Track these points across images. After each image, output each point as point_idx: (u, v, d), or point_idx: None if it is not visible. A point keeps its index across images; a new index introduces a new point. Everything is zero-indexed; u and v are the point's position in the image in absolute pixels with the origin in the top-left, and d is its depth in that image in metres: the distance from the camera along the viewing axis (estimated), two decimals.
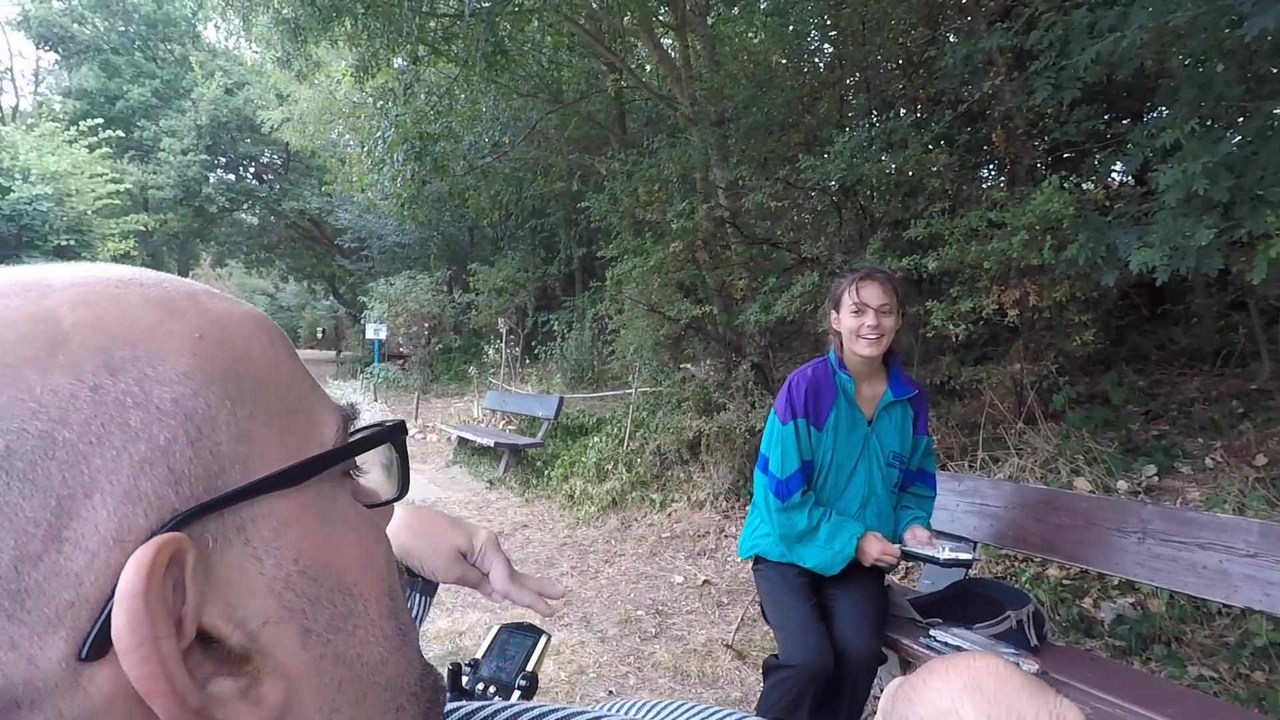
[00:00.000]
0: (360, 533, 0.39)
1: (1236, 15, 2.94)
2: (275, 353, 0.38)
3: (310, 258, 25.76)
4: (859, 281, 2.24)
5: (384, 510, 0.44)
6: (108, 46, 22.04)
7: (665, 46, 7.98)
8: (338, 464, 0.38)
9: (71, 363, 0.30)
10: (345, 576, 0.37)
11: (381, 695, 0.37)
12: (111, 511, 0.29)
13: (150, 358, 0.32)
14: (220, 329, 0.35)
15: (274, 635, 0.33)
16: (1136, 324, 5.46)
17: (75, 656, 0.28)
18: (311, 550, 0.35)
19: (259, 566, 0.33)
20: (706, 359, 6.33)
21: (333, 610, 0.35)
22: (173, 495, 0.30)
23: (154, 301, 0.34)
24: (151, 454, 0.30)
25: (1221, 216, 3.03)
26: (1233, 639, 2.81)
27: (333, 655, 0.35)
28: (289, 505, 0.35)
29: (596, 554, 5.07)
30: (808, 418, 2.28)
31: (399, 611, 0.40)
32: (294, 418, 0.37)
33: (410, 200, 9.76)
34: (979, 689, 0.34)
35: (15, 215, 11.70)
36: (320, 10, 6.90)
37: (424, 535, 0.76)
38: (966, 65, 4.89)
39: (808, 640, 2.10)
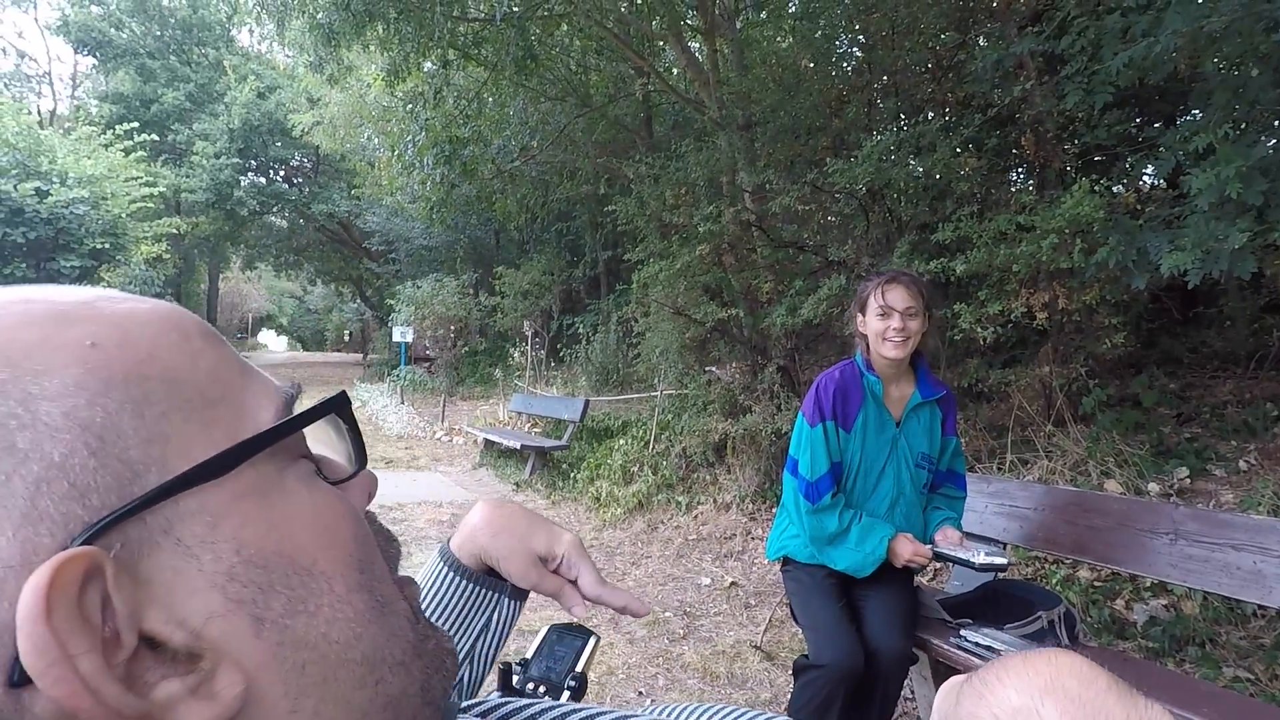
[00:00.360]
0: (317, 512, 0.38)
1: (1273, 20, 2.93)
2: (190, 346, 0.37)
3: (338, 260, 26.03)
4: (884, 284, 2.25)
5: (359, 484, 0.44)
6: (144, 51, 22.47)
7: (693, 51, 8.01)
8: (268, 447, 0.37)
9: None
10: (300, 558, 0.36)
11: (355, 671, 0.37)
12: (11, 537, 0.29)
13: (34, 374, 0.31)
14: (120, 332, 0.35)
15: (223, 629, 0.32)
16: (1168, 327, 5.41)
17: (7, 685, 0.28)
18: (255, 538, 0.35)
19: (196, 564, 0.32)
20: (732, 362, 6.35)
21: (288, 594, 0.35)
22: (79, 509, 0.30)
23: (39, 317, 0.34)
24: (46, 472, 0.30)
25: (1255, 220, 3.02)
26: (1268, 640, 2.79)
27: (292, 640, 0.34)
28: (221, 497, 0.34)
29: (623, 556, 5.11)
30: (836, 420, 2.30)
31: (374, 585, 0.40)
32: (219, 409, 0.36)
33: (439, 203, 9.87)
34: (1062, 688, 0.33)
35: (53, 218, 11.90)
36: (354, 15, 7.00)
37: (500, 535, 0.71)
38: (997, 69, 4.89)
39: (837, 641, 2.11)
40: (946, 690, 0.40)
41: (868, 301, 2.29)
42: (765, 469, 5.45)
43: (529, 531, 0.71)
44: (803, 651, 3.01)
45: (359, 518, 0.42)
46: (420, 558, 4.80)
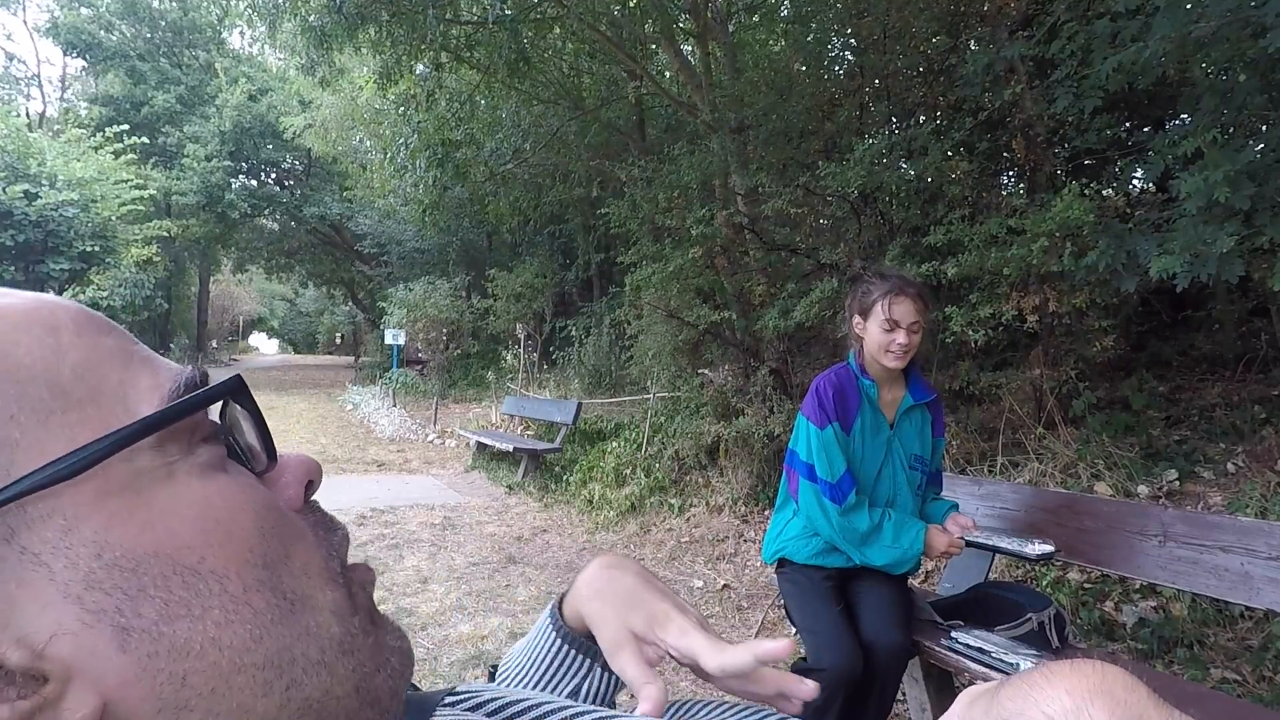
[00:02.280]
0: (208, 505, 0.36)
1: (1260, 26, 2.95)
2: (55, 341, 0.34)
3: (330, 263, 26.01)
4: (893, 297, 2.22)
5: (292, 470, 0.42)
6: (134, 53, 22.40)
7: (686, 54, 8.04)
8: (135, 442, 0.34)
9: None
10: (183, 558, 0.33)
11: (256, 677, 0.34)
12: None
13: None
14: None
15: (75, 645, 0.30)
16: (1157, 330, 5.45)
17: None
18: (123, 539, 0.32)
19: (45, 573, 0.30)
20: (725, 364, 6.36)
21: (164, 598, 0.32)
22: None
23: None
24: None
25: (1243, 224, 3.04)
26: (1256, 642, 2.81)
27: (168, 650, 0.32)
28: (80, 498, 0.32)
29: None
30: (839, 421, 2.30)
31: (281, 581, 0.37)
32: (86, 407, 0.34)
33: (431, 206, 9.88)
34: (1110, 694, 0.33)
35: (42, 221, 11.86)
36: (346, 17, 7.00)
37: (596, 600, 0.63)
38: (987, 73, 4.91)
39: (838, 644, 2.10)
40: (970, 697, 0.41)
41: (872, 310, 2.27)
42: (758, 471, 5.46)
43: (629, 602, 0.61)
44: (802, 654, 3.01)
45: (269, 509, 0.39)
46: (411, 561, 4.79)
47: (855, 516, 2.25)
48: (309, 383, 19.01)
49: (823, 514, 2.29)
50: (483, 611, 3.99)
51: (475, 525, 5.86)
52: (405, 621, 3.75)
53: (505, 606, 4.09)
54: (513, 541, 5.45)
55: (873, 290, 2.28)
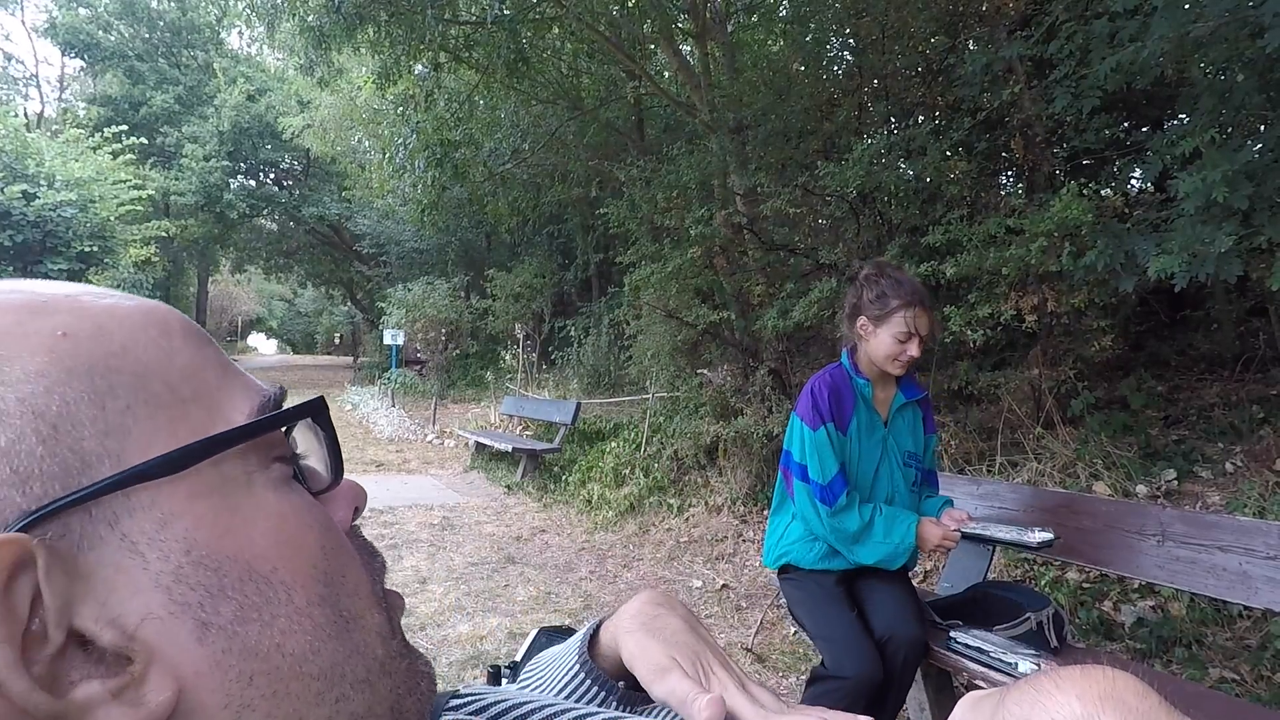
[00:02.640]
0: (283, 519, 0.37)
1: (1258, 26, 2.96)
2: (168, 343, 0.37)
3: (329, 263, 25.98)
4: (918, 310, 2.20)
5: (344, 496, 0.43)
6: (132, 53, 22.38)
7: (685, 54, 8.04)
8: (231, 447, 0.36)
9: None
10: (258, 565, 0.35)
11: (311, 686, 0.36)
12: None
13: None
14: (94, 325, 0.35)
15: (160, 632, 0.32)
16: (1155, 330, 5.45)
17: None
18: (209, 540, 0.34)
19: (141, 561, 0.32)
20: (724, 364, 6.36)
21: (240, 601, 0.34)
22: (18, 496, 0.30)
23: (14, 306, 0.34)
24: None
25: (1241, 224, 3.04)
26: (1254, 641, 2.82)
27: (240, 649, 0.33)
28: (177, 494, 0.34)
29: (615, 559, 5.11)
30: (834, 422, 2.29)
31: (339, 599, 0.39)
32: (189, 407, 0.36)
33: (430, 206, 9.85)
34: (1121, 700, 0.33)
35: (40, 221, 11.83)
36: (344, 17, 7.00)
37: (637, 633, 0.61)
38: (986, 73, 4.92)
39: (857, 651, 2.09)
40: (972, 702, 0.41)
41: (888, 318, 2.23)
42: (757, 471, 5.46)
43: (672, 641, 0.60)
44: (797, 653, 3.02)
45: (330, 530, 0.41)
46: (410, 561, 4.79)
47: (845, 517, 2.25)
48: (308, 383, 19.00)
49: (816, 515, 2.30)
50: (481, 612, 3.99)
51: (474, 525, 5.86)
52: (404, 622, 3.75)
53: (504, 607, 4.09)
54: (511, 541, 5.45)
55: (890, 298, 2.24)
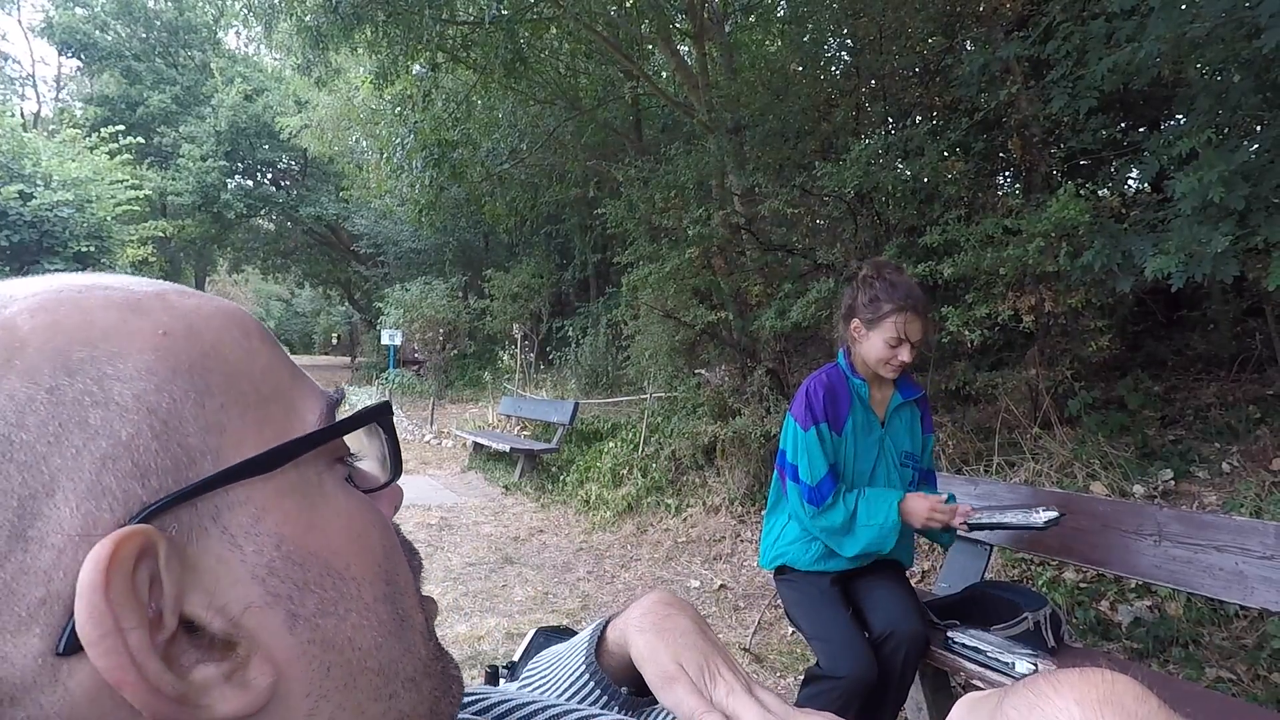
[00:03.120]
0: (351, 517, 0.39)
1: (1254, 27, 2.96)
2: (250, 344, 0.38)
3: (326, 263, 25.92)
4: (909, 316, 2.19)
5: (387, 495, 0.44)
6: (129, 53, 22.32)
7: (682, 54, 8.04)
8: (316, 447, 0.38)
9: (28, 368, 0.31)
10: (334, 561, 0.37)
11: (373, 681, 0.37)
12: (75, 508, 0.30)
13: (110, 356, 0.32)
14: (187, 325, 0.36)
15: (259, 620, 0.33)
16: (1152, 330, 5.46)
17: (53, 652, 0.29)
18: (295, 535, 0.35)
19: (239, 553, 0.33)
20: (722, 364, 6.36)
21: (321, 595, 0.35)
22: (139, 489, 0.31)
23: (116, 303, 0.35)
24: (114, 450, 0.31)
25: (1237, 224, 3.05)
26: (1250, 641, 2.82)
27: (321, 639, 0.35)
28: (267, 491, 0.35)
29: (612, 559, 5.11)
30: (828, 422, 2.29)
31: (397, 598, 0.40)
32: (271, 407, 0.37)
33: (428, 206, 9.86)
34: (1120, 705, 0.33)
35: (37, 221, 11.81)
36: (342, 17, 7.00)
37: (649, 632, 0.62)
38: (983, 74, 4.93)
39: (852, 651, 2.09)
40: (969, 704, 0.40)
41: (880, 322, 2.23)
42: (754, 471, 5.47)
43: (682, 644, 0.60)
44: (794, 653, 3.02)
45: (387, 529, 0.42)
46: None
47: (831, 514, 2.26)
48: None
49: (805, 515, 2.31)
50: (479, 612, 3.99)
51: (472, 525, 5.86)
52: None
53: (502, 607, 4.09)
54: (509, 542, 5.45)
55: (883, 302, 2.23)
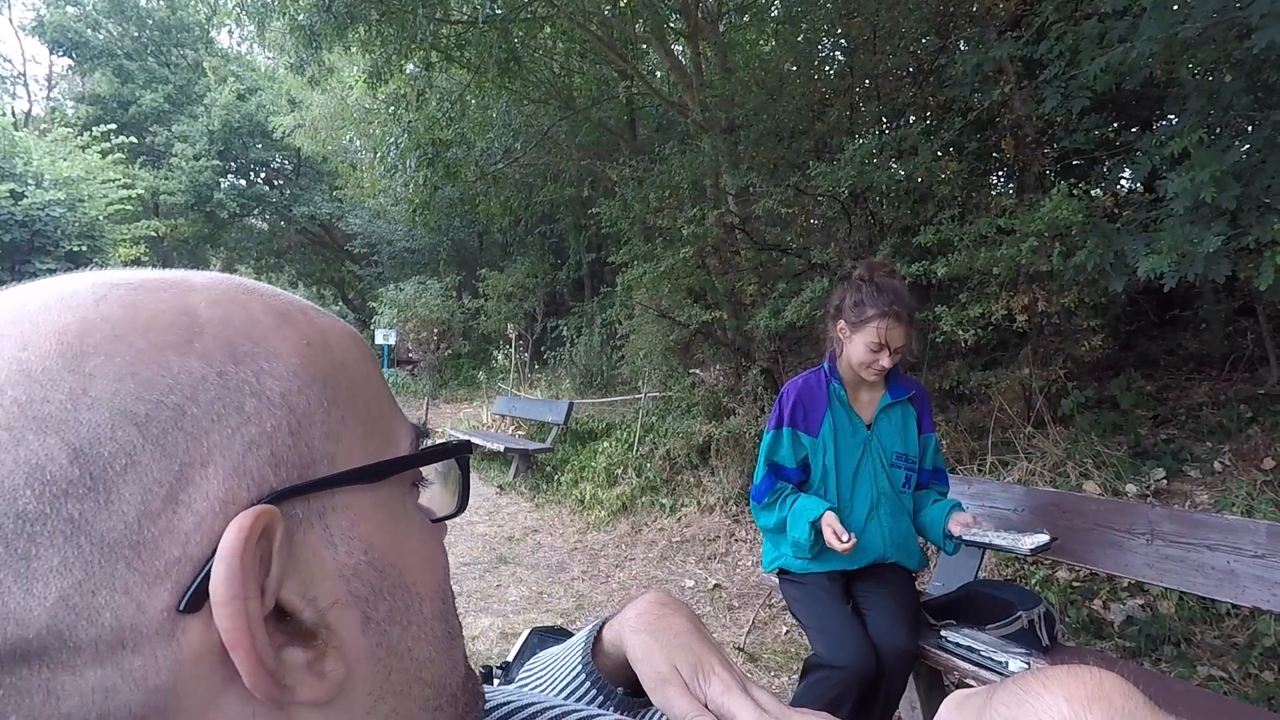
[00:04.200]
0: (424, 539, 0.42)
1: (1246, 27, 2.97)
2: (366, 367, 0.42)
3: (320, 263, 25.81)
4: (890, 322, 2.21)
5: (443, 525, 0.47)
6: (121, 52, 22.18)
7: (677, 54, 8.04)
8: (410, 469, 0.41)
9: (205, 350, 0.34)
10: (406, 574, 0.39)
11: (425, 692, 0.39)
12: (221, 482, 0.32)
13: (267, 355, 0.36)
14: (324, 339, 0.39)
15: (339, 617, 0.35)
16: (1145, 329, 5.48)
17: (175, 608, 0.31)
18: (380, 545, 0.38)
19: (333, 552, 0.36)
20: (716, 364, 6.37)
21: (391, 603, 0.38)
22: (271, 476, 0.34)
23: (272, 309, 0.38)
24: (259, 436, 0.34)
25: (1229, 224, 3.06)
26: (1242, 639, 2.83)
27: (387, 645, 0.37)
28: (365, 501, 0.38)
29: (607, 559, 5.11)
30: (795, 425, 2.35)
31: (449, 615, 0.43)
32: (376, 426, 0.40)
33: (422, 206, 9.84)
34: (1107, 700, 0.34)
35: (29, 221, 11.76)
36: (335, 16, 6.97)
37: (643, 632, 0.64)
38: (977, 74, 4.94)
39: (850, 642, 2.10)
40: (957, 701, 0.42)
41: (864, 327, 2.24)
42: (749, 471, 5.46)
43: (677, 644, 0.62)
44: (792, 654, 3.02)
45: (445, 555, 0.45)
46: None
47: (765, 515, 2.39)
48: None
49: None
50: (473, 612, 3.99)
51: (466, 525, 5.85)
52: None
53: (496, 607, 4.09)
54: (504, 541, 5.45)
55: (867, 306, 2.25)
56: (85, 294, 0.34)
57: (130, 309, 0.34)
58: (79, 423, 0.30)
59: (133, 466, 0.30)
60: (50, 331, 0.32)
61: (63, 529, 0.29)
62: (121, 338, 0.33)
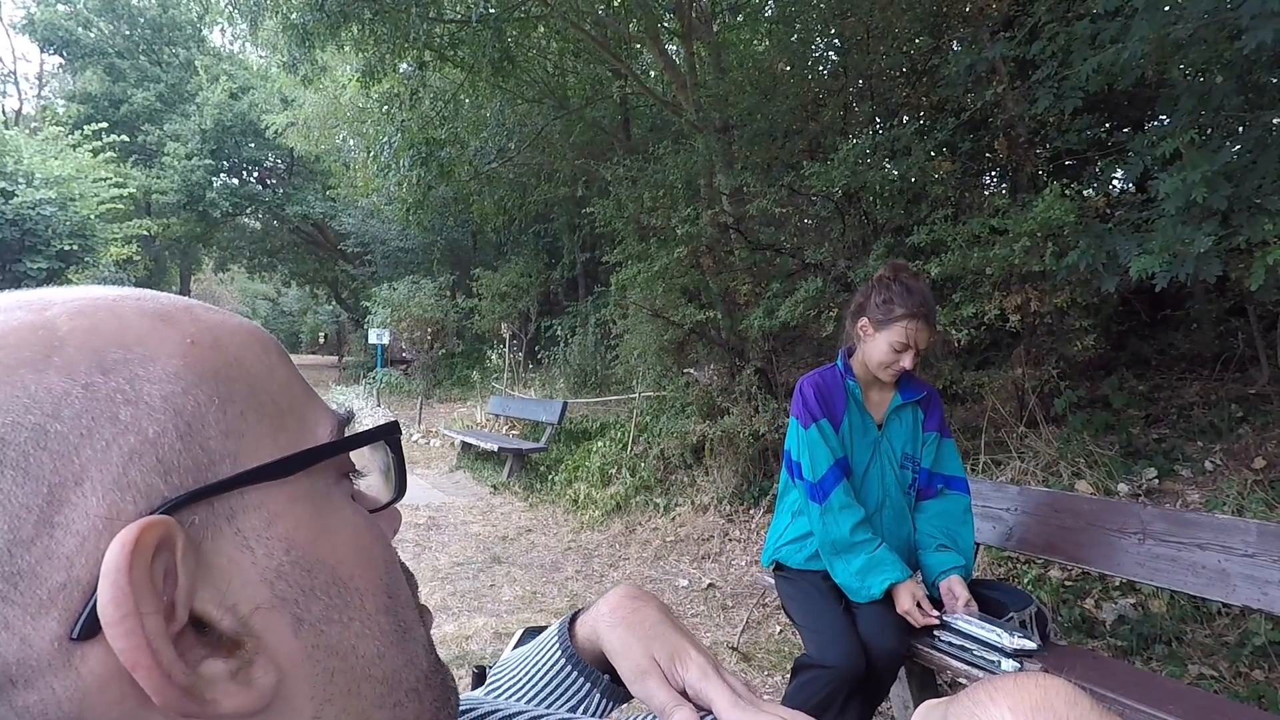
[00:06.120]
0: (357, 530, 0.40)
1: (1236, 28, 2.99)
2: (269, 359, 0.40)
3: (313, 262, 25.77)
4: (919, 323, 2.18)
5: (388, 515, 0.46)
6: (112, 50, 22.12)
7: (670, 53, 8.04)
8: (327, 459, 0.40)
9: (66, 364, 0.32)
10: (340, 570, 0.38)
11: (377, 689, 0.38)
12: (101, 498, 0.31)
13: (142, 359, 0.34)
14: (213, 336, 0.38)
15: (265, 622, 0.34)
16: (1137, 329, 5.50)
17: (67, 636, 0.29)
18: (304, 542, 0.37)
19: (250, 555, 0.34)
20: (710, 364, 6.36)
21: (326, 602, 0.37)
22: (161, 484, 0.32)
23: (149, 312, 0.37)
24: (140, 445, 0.32)
25: (1220, 224, 3.07)
26: (1232, 638, 2.84)
27: (325, 645, 0.36)
28: (280, 497, 0.36)
29: (601, 558, 5.11)
30: (827, 418, 2.30)
31: (398, 610, 0.41)
32: (286, 418, 0.39)
33: (415, 205, 9.82)
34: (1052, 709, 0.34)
35: (19, 220, 11.70)
36: (328, 15, 6.95)
37: (619, 627, 0.65)
38: (970, 74, 4.94)
39: (842, 642, 2.10)
40: (926, 711, 0.42)
41: (890, 326, 2.21)
42: (743, 471, 5.47)
43: (652, 634, 0.64)
44: (785, 654, 3.02)
45: (388, 545, 0.44)
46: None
47: (833, 522, 2.22)
48: None
49: (806, 515, 2.30)
50: (467, 612, 3.98)
51: (460, 525, 5.84)
52: None
53: (490, 606, 4.08)
54: (498, 541, 5.44)
55: (896, 305, 2.21)
56: None
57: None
58: None
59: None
60: None
61: None
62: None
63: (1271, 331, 4.53)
